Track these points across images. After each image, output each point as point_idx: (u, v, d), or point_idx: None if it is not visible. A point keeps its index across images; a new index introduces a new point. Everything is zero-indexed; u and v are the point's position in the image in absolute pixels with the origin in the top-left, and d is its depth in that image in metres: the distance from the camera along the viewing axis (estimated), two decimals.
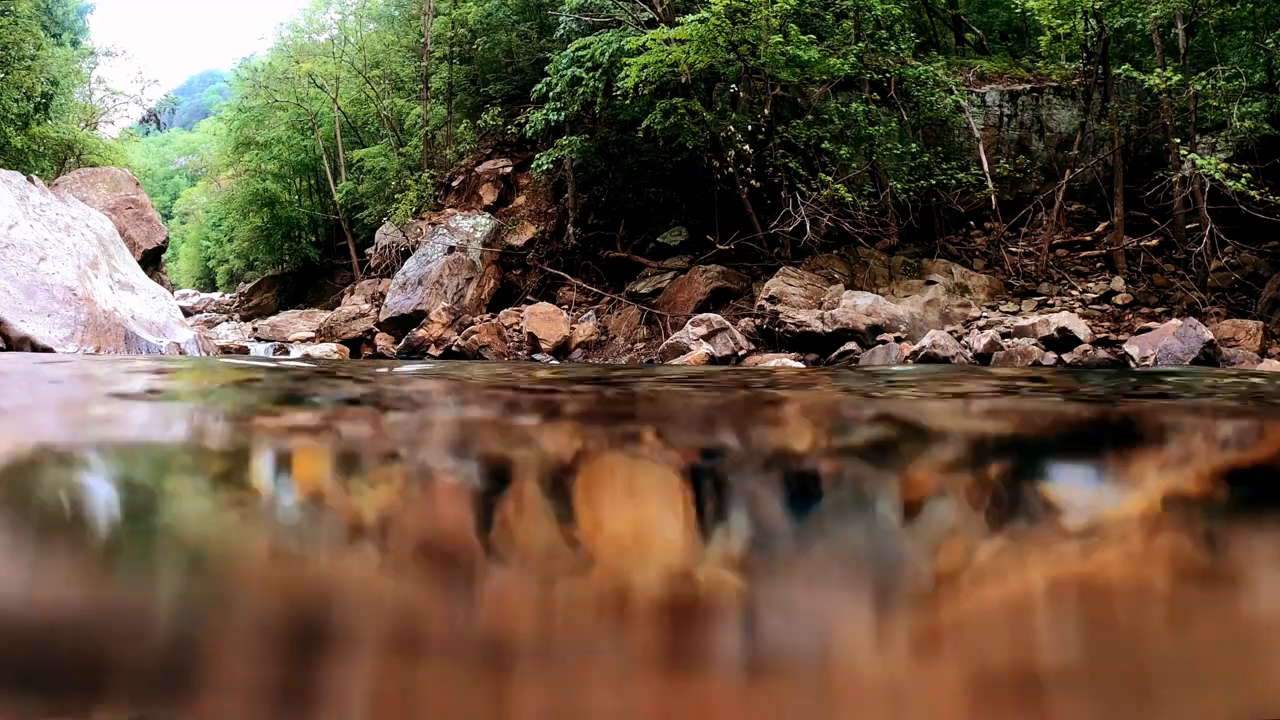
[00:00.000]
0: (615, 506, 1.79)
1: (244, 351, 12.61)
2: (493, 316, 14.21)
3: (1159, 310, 10.83)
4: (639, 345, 12.79)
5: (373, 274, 17.92)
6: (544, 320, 13.15)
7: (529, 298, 15.01)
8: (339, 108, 22.71)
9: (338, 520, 1.63)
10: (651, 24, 13.10)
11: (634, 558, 1.53)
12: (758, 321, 11.75)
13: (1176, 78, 10.48)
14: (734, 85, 13.12)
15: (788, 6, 11.59)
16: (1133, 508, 1.75)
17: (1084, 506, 1.72)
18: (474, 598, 1.43)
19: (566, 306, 14.45)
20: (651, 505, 1.78)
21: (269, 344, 14.66)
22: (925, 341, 10.17)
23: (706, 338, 11.25)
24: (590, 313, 14.16)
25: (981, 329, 10.77)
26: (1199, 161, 10.04)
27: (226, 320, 21.79)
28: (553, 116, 13.79)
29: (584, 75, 13.20)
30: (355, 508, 1.70)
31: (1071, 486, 1.83)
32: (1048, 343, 9.94)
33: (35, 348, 7.50)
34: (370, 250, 18.58)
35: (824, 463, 2.13)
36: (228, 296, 29.21)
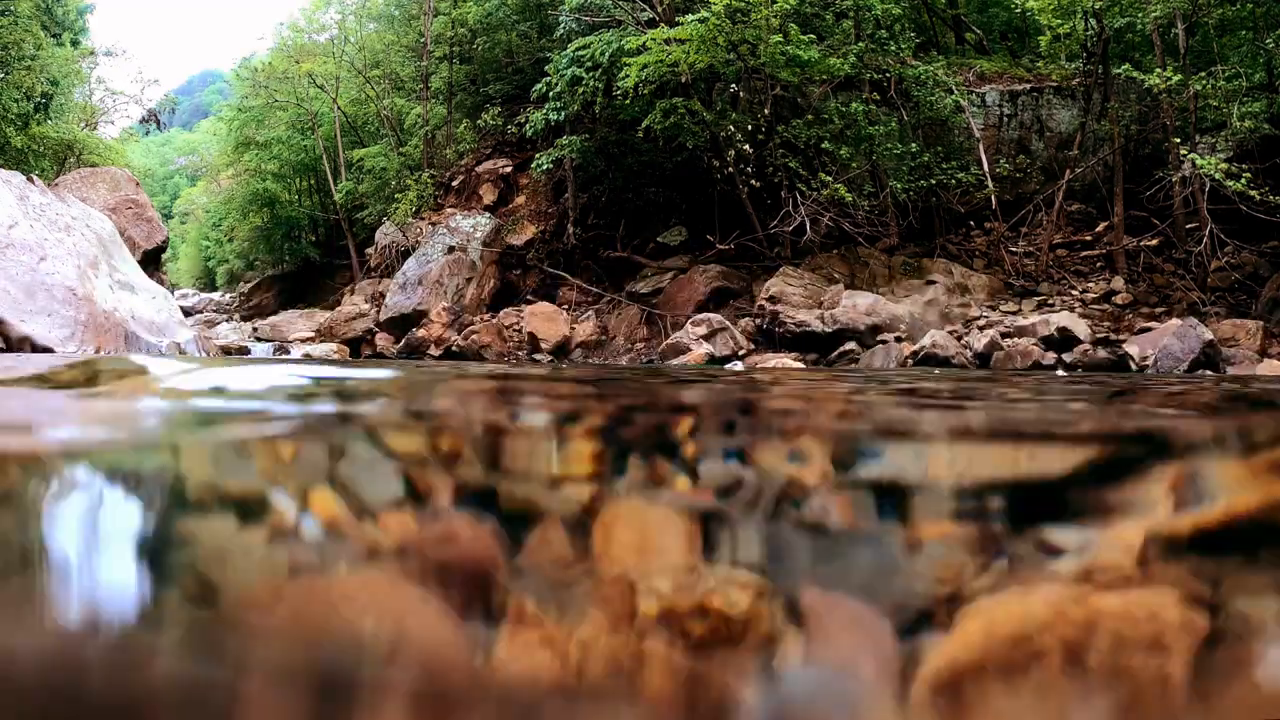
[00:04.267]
0: None
1: (244, 352, 12.60)
2: (493, 316, 14.21)
3: (1159, 310, 10.83)
4: (639, 345, 12.78)
5: (373, 274, 17.91)
6: (544, 320, 13.15)
7: (529, 297, 15.01)
8: (339, 108, 22.71)
9: None
10: (651, 24, 13.10)
11: None
12: (758, 321, 11.75)
13: (1176, 78, 10.47)
14: (734, 85, 13.12)
15: (788, 6, 11.58)
16: None
17: None
18: None
19: (566, 306, 14.44)
20: None
21: (269, 344, 14.66)
22: (925, 341, 10.17)
23: (706, 338, 11.24)
24: (590, 313, 14.15)
25: (981, 329, 10.77)
26: (1199, 161, 10.03)
27: (226, 320, 21.80)
28: (553, 116, 13.78)
29: (584, 75, 13.20)
30: None
31: None
32: (1048, 342, 9.94)
33: (35, 347, 7.50)
34: (370, 250, 18.58)
35: None
36: (228, 296, 29.21)
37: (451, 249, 15.47)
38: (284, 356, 12.39)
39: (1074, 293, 11.54)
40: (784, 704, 0.94)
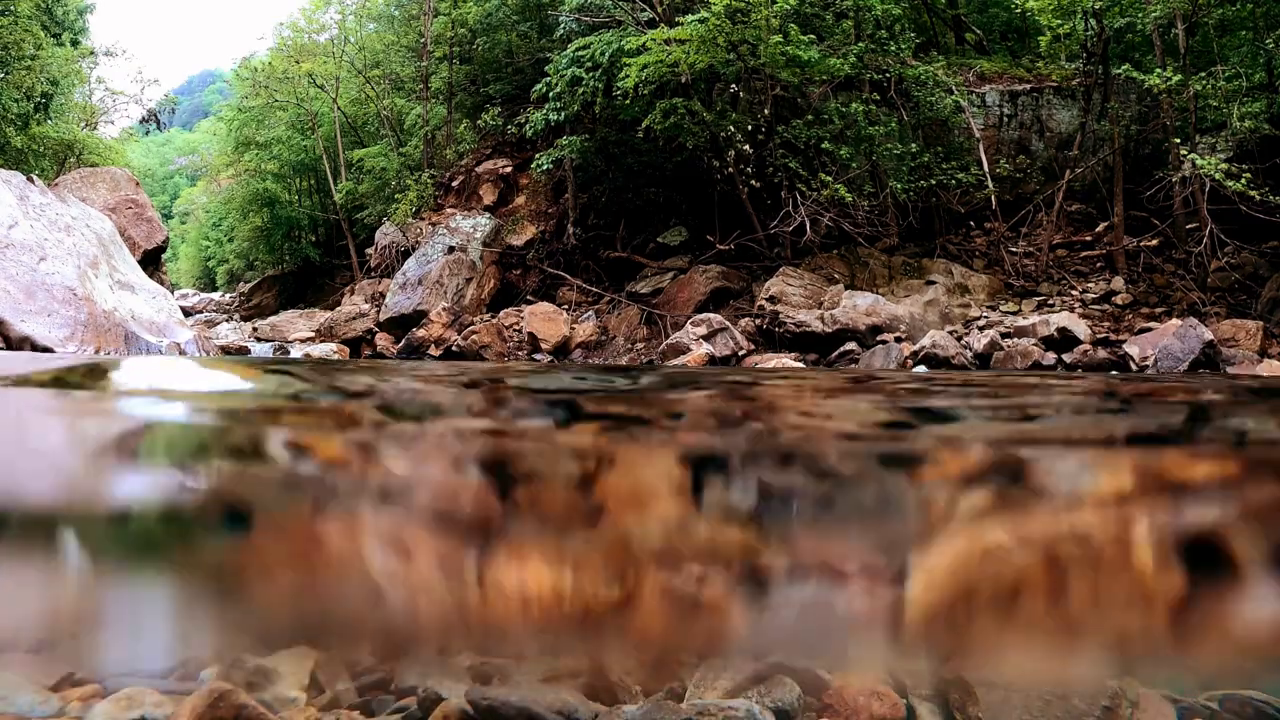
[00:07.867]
0: None
1: (244, 351, 12.61)
2: (493, 316, 14.21)
3: (1159, 310, 10.83)
4: (639, 345, 12.79)
5: (373, 274, 17.91)
6: (544, 320, 13.15)
7: (529, 298, 15.01)
8: (339, 108, 22.71)
9: None
10: (651, 24, 13.10)
11: None
12: (758, 321, 11.75)
13: (1176, 78, 10.47)
14: (734, 85, 13.12)
15: (788, 6, 11.58)
16: None
17: None
18: None
19: (566, 306, 14.44)
20: None
21: (269, 344, 14.66)
22: (925, 341, 10.17)
23: (706, 338, 11.24)
24: (590, 313, 14.15)
25: (981, 329, 10.77)
26: (1199, 161, 10.03)
27: (226, 320, 21.79)
28: (553, 116, 13.78)
29: (584, 75, 13.20)
30: None
31: None
32: (1048, 343, 9.94)
33: (35, 347, 7.50)
34: (370, 250, 18.58)
35: None
36: (228, 296, 29.20)
37: (451, 249, 15.47)
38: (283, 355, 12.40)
39: (1074, 293, 11.53)
40: None
